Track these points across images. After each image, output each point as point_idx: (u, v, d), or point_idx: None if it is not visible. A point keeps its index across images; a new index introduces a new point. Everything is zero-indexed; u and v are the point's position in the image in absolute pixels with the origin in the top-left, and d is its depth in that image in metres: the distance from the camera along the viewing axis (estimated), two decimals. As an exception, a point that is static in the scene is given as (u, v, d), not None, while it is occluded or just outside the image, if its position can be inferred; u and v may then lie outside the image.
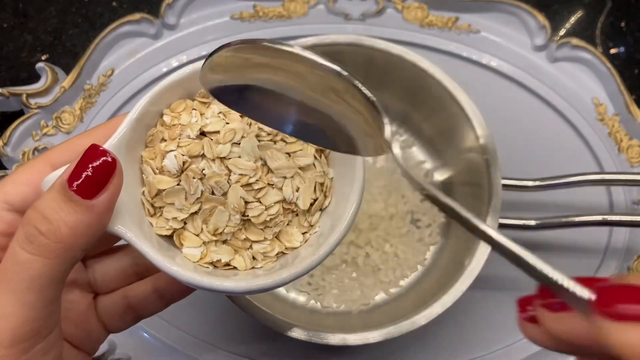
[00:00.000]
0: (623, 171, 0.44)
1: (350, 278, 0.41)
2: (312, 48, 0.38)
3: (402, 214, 0.42)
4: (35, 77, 0.45)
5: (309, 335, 0.33)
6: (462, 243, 0.38)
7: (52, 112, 0.45)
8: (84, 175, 0.19)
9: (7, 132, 0.43)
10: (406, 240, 0.42)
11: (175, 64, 0.47)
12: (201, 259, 0.23)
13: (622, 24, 0.50)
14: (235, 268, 0.23)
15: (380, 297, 0.41)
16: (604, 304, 0.13)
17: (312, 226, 0.24)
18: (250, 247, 0.23)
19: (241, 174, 0.23)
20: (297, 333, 0.33)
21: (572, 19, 0.50)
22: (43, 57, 0.48)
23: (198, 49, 0.47)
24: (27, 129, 0.44)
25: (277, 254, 0.24)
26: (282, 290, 0.41)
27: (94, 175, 0.19)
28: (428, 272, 0.41)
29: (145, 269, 0.26)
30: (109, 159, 0.19)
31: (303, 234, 0.24)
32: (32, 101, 0.44)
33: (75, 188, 0.19)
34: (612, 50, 0.50)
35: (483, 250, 0.34)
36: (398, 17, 0.49)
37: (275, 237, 0.24)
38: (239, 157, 0.23)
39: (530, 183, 0.39)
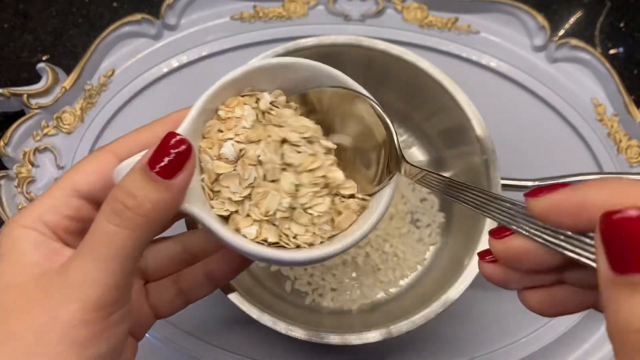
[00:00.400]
0: (622, 171, 0.44)
1: (350, 278, 0.41)
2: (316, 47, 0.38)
3: (402, 214, 0.42)
4: (36, 78, 0.45)
5: (309, 335, 0.33)
6: (462, 243, 0.38)
7: (53, 112, 0.45)
8: (163, 158, 0.21)
9: (8, 132, 0.43)
10: (406, 240, 0.42)
11: (175, 64, 0.47)
12: (256, 237, 0.24)
13: (622, 25, 0.51)
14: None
15: (380, 296, 0.41)
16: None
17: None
18: (295, 237, 0.25)
19: (300, 163, 0.25)
20: (297, 333, 0.33)
21: (572, 20, 0.50)
22: (44, 58, 0.48)
23: (198, 49, 0.47)
24: (28, 129, 0.44)
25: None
26: (282, 290, 0.41)
27: (173, 158, 0.21)
28: (428, 272, 0.41)
29: (194, 256, 0.28)
30: (185, 145, 0.22)
31: None
32: (33, 101, 0.44)
33: (157, 170, 0.21)
34: (612, 51, 0.50)
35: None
36: (398, 17, 0.49)
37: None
38: (302, 147, 0.25)
39: (529, 183, 0.39)
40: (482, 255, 0.21)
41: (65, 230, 0.24)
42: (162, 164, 0.21)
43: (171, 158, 0.21)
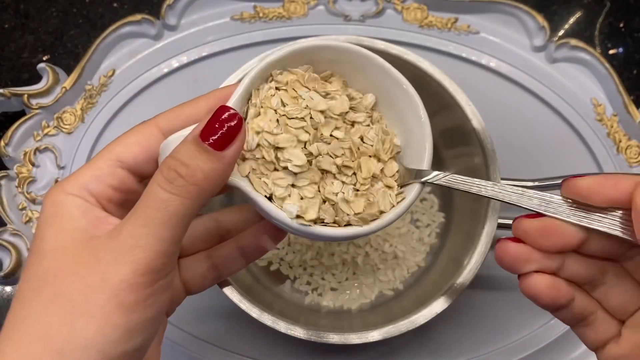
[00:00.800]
0: (622, 171, 0.44)
1: (349, 277, 0.41)
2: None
3: (402, 214, 0.42)
4: (36, 78, 0.46)
5: (309, 335, 0.33)
6: (461, 243, 0.38)
7: (54, 112, 0.45)
8: (216, 131, 0.22)
9: (9, 132, 0.43)
10: (405, 240, 0.42)
11: (176, 64, 0.47)
12: (297, 217, 0.24)
13: (621, 25, 0.51)
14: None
15: (379, 296, 0.41)
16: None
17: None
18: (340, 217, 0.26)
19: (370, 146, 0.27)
20: (297, 332, 0.33)
21: (571, 20, 0.50)
22: (44, 58, 0.48)
23: (198, 49, 0.47)
24: (29, 129, 0.44)
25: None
26: (282, 289, 0.41)
27: (225, 131, 0.22)
28: (427, 272, 0.41)
29: (227, 232, 0.29)
30: (237, 119, 0.22)
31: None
32: (34, 101, 0.44)
33: (210, 142, 0.21)
34: (611, 51, 0.50)
35: (482, 250, 0.34)
36: (398, 17, 0.49)
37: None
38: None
39: (529, 183, 0.39)
40: (505, 239, 0.24)
41: (108, 200, 0.24)
42: (215, 136, 0.21)
43: (223, 131, 0.22)
